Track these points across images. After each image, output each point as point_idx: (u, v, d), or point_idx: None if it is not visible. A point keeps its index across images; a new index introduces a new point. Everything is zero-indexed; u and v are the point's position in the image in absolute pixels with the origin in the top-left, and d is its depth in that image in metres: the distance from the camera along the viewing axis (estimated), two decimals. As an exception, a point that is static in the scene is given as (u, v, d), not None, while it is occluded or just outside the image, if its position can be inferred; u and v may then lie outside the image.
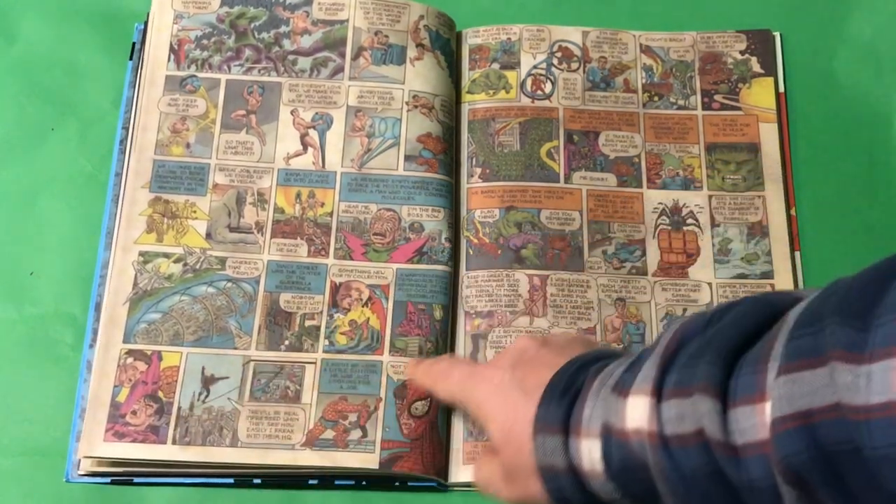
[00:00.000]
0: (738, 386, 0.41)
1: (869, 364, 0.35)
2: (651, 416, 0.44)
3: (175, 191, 0.68)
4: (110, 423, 0.61)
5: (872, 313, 0.36)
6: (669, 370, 0.44)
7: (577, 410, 0.49)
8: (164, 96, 0.71)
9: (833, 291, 0.39)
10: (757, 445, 0.40)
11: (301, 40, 0.74)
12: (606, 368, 0.50)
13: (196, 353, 0.64)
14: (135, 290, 0.65)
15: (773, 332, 0.41)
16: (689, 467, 0.42)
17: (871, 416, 0.34)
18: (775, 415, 0.38)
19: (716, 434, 0.41)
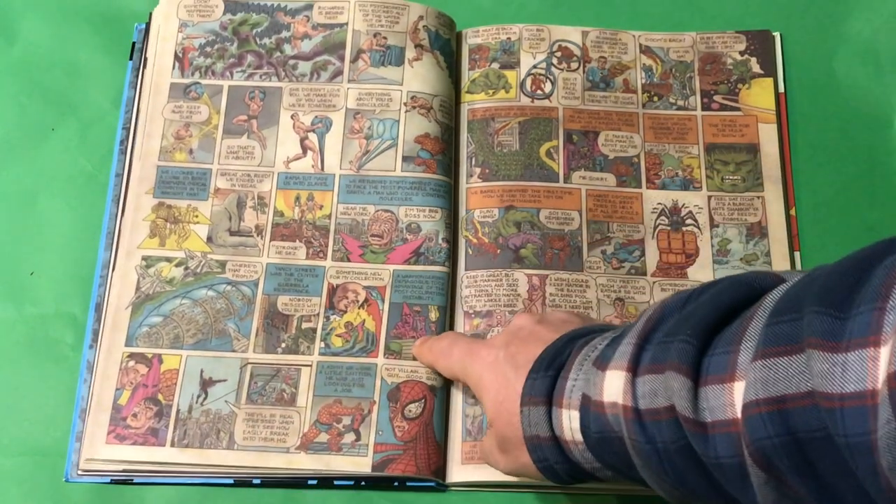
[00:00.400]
0: (710, 365, 0.42)
1: (845, 353, 0.35)
2: (626, 390, 0.45)
3: (178, 196, 0.69)
4: (112, 425, 0.62)
5: (851, 301, 0.36)
6: (646, 346, 0.45)
7: (561, 382, 0.51)
8: (169, 104, 0.72)
9: (814, 278, 0.39)
10: (725, 424, 0.41)
11: (301, 45, 0.74)
12: (591, 342, 0.51)
13: (195, 356, 0.64)
14: (137, 294, 0.66)
15: (750, 312, 0.42)
16: (661, 441, 0.44)
17: (844, 405, 0.35)
18: (749, 398, 0.39)
19: (686, 411, 0.42)
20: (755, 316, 0.41)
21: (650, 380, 0.44)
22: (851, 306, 0.36)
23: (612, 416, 0.46)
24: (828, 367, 0.35)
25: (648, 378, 0.44)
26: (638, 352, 0.46)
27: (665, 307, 0.47)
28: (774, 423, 0.38)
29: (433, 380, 0.64)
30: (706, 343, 0.43)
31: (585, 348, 0.51)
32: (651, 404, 0.44)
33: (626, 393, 0.45)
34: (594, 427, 0.48)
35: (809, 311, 0.37)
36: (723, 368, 0.41)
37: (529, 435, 0.52)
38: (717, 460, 0.41)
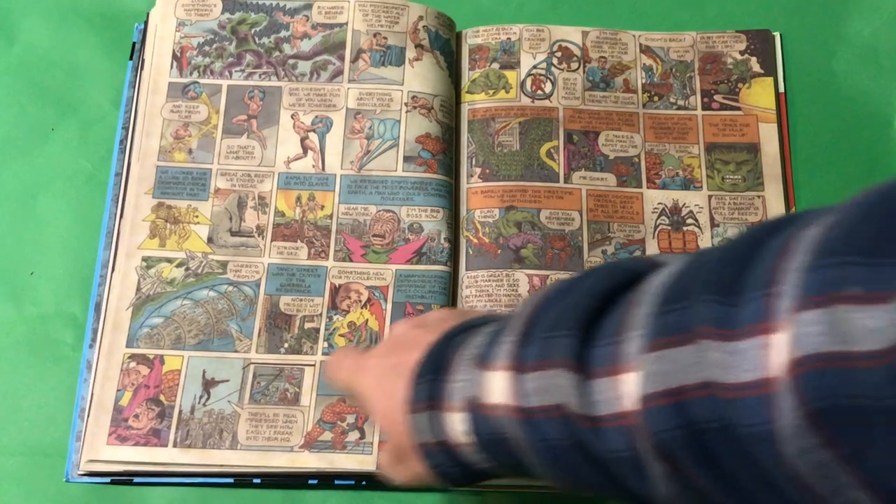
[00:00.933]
0: (595, 357, 0.41)
1: (738, 341, 0.34)
2: (512, 390, 0.44)
3: (178, 196, 0.69)
4: (113, 426, 0.62)
5: (742, 286, 0.35)
6: (529, 342, 0.44)
7: (442, 385, 0.49)
8: (167, 103, 0.72)
9: (701, 263, 0.39)
10: (615, 417, 0.40)
11: (301, 44, 0.74)
12: (471, 340, 0.50)
13: (197, 357, 0.64)
14: (138, 294, 0.66)
15: (632, 298, 0.41)
16: (553, 438, 0.43)
17: (742, 394, 0.34)
18: (647, 391, 0.38)
19: (575, 407, 0.41)
20: (640, 302, 0.40)
21: (536, 377, 0.43)
22: (741, 293, 0.35)
23: (500, 417, 0.45)
24: (722, 357, 0.35)
25: (534, 375, 0.43)
26: (520, 349, 0.44)
27: (545, 299, 0.46)
28: (674, 416, 0.37)
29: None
30: (589, 334, 0.42)
31: (465, 347, 0.49)
32: (539, 402, 0.43)
33: (513, 393, 0.44)
34: (484, 429, 0.47)
35: (699, 298, 0.36)
36: (609, 360, 0.40)
37: (419, 443, 0.50)
38: (610, 454, 0.41)
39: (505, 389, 0.45)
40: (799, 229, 0.35)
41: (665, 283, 0.40)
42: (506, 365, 0.45)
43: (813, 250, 0.33)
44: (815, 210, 0.35)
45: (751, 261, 0.36)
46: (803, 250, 0.33)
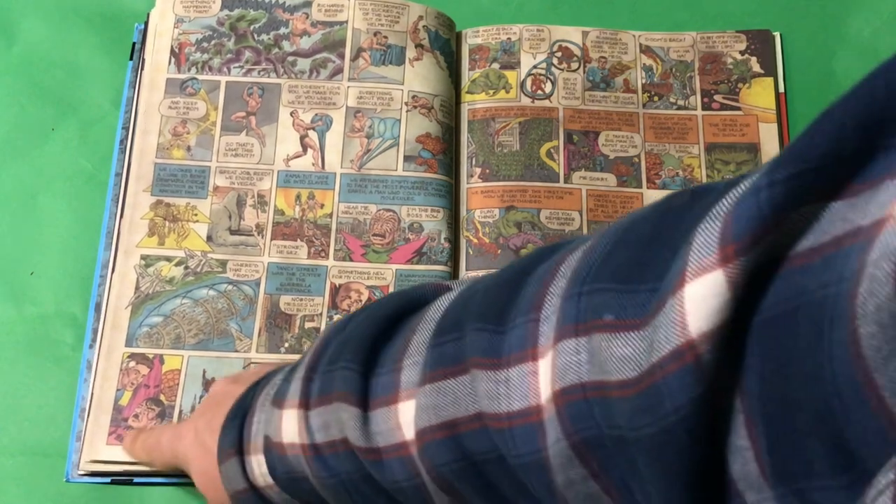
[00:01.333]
0: (376, 386, 0.41)
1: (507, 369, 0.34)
2: (300, 428, 0.44)
3: (176, 194, 0.68)
4: (113, 426, 0.62)
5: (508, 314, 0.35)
6: (314, 377, 0.44)
7: (247, 429, 0.49)
8: (165, 99, 0.71)
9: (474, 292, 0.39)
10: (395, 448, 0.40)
11: (300, 42, 0.74)
12: (272, 380, 0.49)
13: (197, 357, 0.64)
14: (137, 293, 0.66)
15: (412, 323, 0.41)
16: (345, 472, 0.43)
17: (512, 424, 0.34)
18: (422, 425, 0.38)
19: (357, 440, 0.41)
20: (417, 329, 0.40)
21: (321, 412, 0.43)
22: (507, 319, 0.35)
23: (292, 456, 0.45)
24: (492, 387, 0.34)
25: (319, 411, 0.43)
26: (307, 386, 0.44)
27: (328, 334, 0.46)
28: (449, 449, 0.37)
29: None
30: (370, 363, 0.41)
31: (267, 387, 0.49)
32: (326, 437, 0.43)
33: (302, 431, 0.44)
34: (280, 468, 0.47)
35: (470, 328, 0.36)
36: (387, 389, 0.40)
37: (231, 491, 0.50)
38: (395, 485, 0.40)
39: (293, 428, 0.44)
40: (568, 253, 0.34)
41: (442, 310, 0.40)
42: (294, 403, 0.44)
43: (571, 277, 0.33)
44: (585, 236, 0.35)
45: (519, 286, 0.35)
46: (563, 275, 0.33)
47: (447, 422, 0.37)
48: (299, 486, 0.47)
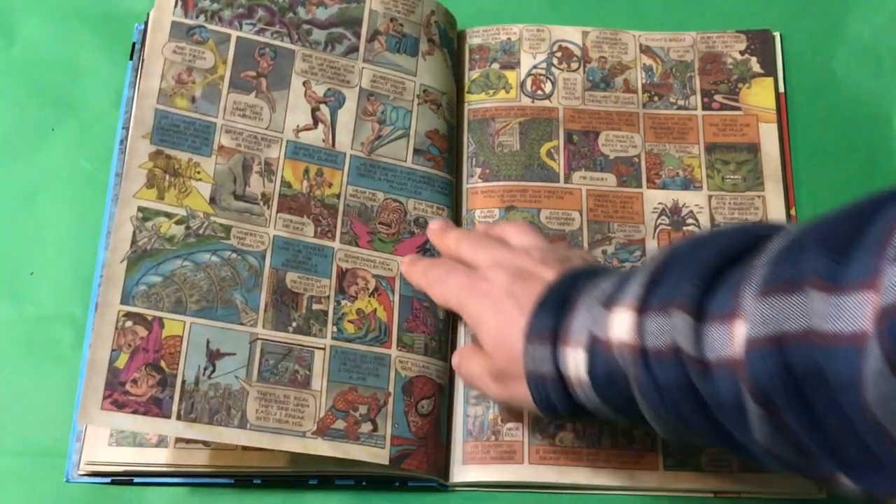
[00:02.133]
0: (713, 305, 0.43)
1: (842, 295, 0.36)
2: (633, 329, 0.46)
3: (178, 147, 0.65)
4: (108, 390, 0.58)
5: (852, 246, 0.37)
6: (654, 288, 0.47)
7: (567, 321, 0.51)
8: (170, 42, 0.67)
9: (817, 224, 0.41)
10: (725, 362, 0.42)
11: (316, 11, 0.71)
12: (598, 283, 0.52)
13: (200, 324, 0.61)
14: (133, 247, 0.62)
15: (754, 258, 0.43)
16: (664, 379, 0.45)
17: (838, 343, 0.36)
18: (750, 335, 0.40)
19: (689, 349, 0.43)
20: (759, 259, 0.42)
21: (656, 319, 0.45)
22: (852, 252, 0.37)
23: (618, 354, 0.47)
24: (824, 307, 0.36)
25: (655, 317, 0.45)
26: (646, 293, 0.47)
27: (673, 251, 0.48)
28: (773, 359, 0.39)
29: (441, 378, 0.64)
30: (711, 285, 0.44)
31: (591, 288, 0.52)
32: (656, 343, 0.45)
33: (634, 332, 0.46)
34: (601, 365, 0.49)
35: (811, 253, 0.38)
36: (725, 307, 0.42)
37: (533, 371, 0.53)
38: (716, 397, 0.43)
39: (627, 328, 0.47)
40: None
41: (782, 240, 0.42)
42: (631, 305, 0.47)
43: None
44: None
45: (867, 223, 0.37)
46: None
47: (775, 334, 0.39)
48: (614, 388, 0.49)
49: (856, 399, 0.36)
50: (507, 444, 0.63)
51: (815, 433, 0.40)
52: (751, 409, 0.41)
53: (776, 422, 0.41)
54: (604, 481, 0.62)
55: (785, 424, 0.41)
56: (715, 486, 0.62)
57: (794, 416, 0.40)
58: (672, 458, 0.62)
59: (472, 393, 0.64)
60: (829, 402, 0.38)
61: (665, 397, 0.46)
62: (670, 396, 0.45)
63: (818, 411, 0.39)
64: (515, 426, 0.63)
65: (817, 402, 0.38)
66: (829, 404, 0.38)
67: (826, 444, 0.40)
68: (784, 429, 0.41)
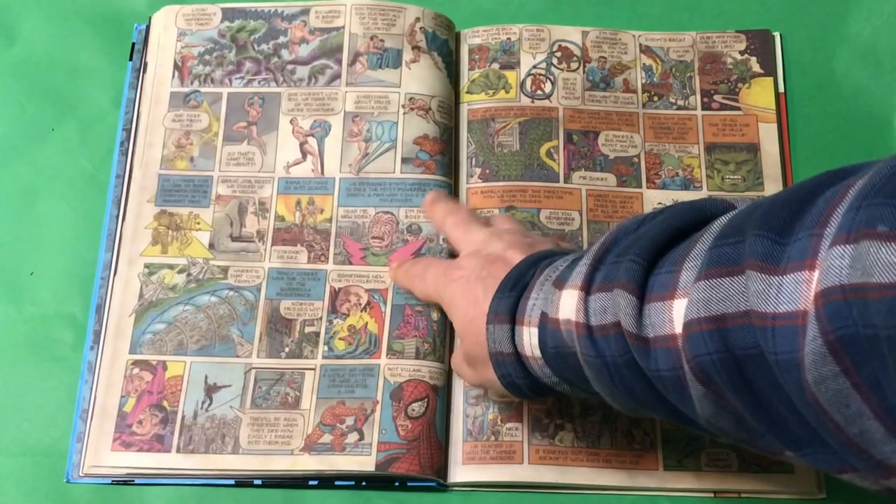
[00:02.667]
0: (654, 283, 0.44)
1: (782, 275, 0.36)
2: (579, 308, 0.47)
3: (179, 203, 0.69)
4: (117, 433, 0.62)
5: (792, 228, 0.37)
6: (599, 266, 0.48)
7: (523, 302, 0.53)
8: (169, 112, 0.72)
9: (758, 205, 0.41)
10: (664, 339, 0.43)
11: (299, 49, 0.74)
12: (554, 263, 0.53)
13: (199, 362, 0.64)
14: (140, 301, 0.66)
15: (696, 235, 0.44)
16: (610, 354, 0.46)
17: (776, 324, 0.36)
18: (691, 316, 0.41)
19: (630, 326, 0.44)
20: (701, 239, 0.43)
21: (600, 297, 0.46)
22: (791, 232, 0.37)
23: (566, 332, 0.49)
24: (764, 288, 0.37)
25: (599, 296, 0.46)
26: (591, 271, 0.48)
27: (619, 230, 0.49)
28: (714, 341, 0.40)
29: (436, 379, 0.64)
30: (653, 263, 0.45)
31: (547, 269, 0.53)
32: (601, 320, 0.46)
33: (579, 311, 0.47)
34: (551, 342, 0.50)
35: (751, 234, 0.39)
36: (665, 286, 0.43)
37: (494, 351, 0.54)
38: (657, 373, 0.44)
39: (572, 307, 0.48)
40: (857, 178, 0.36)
41: (725, 221, 0.43)
42: (577, 285, 0.48)
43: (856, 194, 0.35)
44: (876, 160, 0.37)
45: (807, 204, 0.38)
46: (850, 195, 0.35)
47: (716, 315, 0.40)
48: (564, 361, 0.50)
49: (796, 378, 0.36)
50: (506, 444, 0.63)
51: (757, 411, 0.40)
52: (693, 387, 0.42)
53: (718, 400, 0.42)
54: (603, 481, 0.62)
55: (727, 402, 0.41)
56: (715, 486, 0.62)
57: (735, 396, 0.40)
58: (672, 458, 0.62)
59: (472, 393, 0.64)
60: (770, 381, 0.38)
61: (612, 371, 0.47)
62: (617, 371, 0.46)
63: (760, 391, 0.39)
64: (515, 426, 0.63)
65: (758, 382, 0.39)
66: (770, 384, 0.38)
67: (769, 422, 0.40)
68: (726, 406, 0.42)
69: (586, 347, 0.47)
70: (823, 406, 0.36)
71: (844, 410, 0.35)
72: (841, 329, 0.33)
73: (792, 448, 0.41)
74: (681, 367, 0.42)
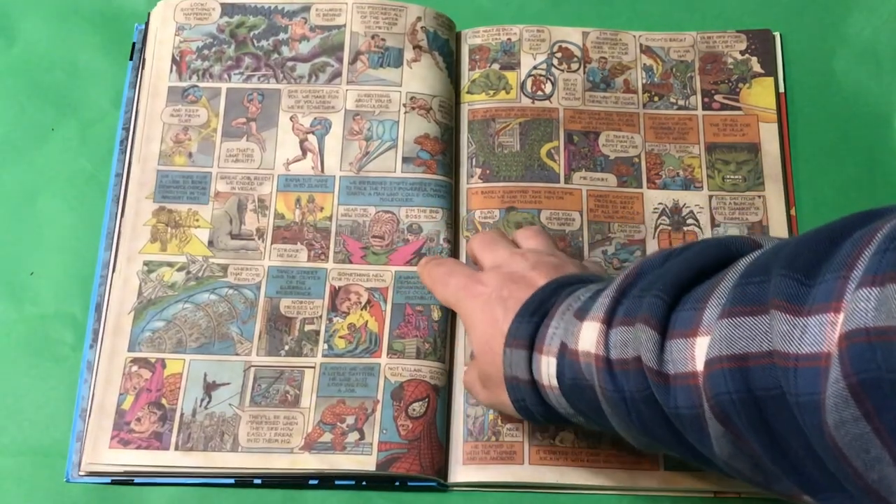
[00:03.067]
0: (677, 320, 0.43)
1: (807, 317, 0.36)
2: (599, 341, 0.47)
3: (178, 200, 0.69)
4: (115, 430, 0.62)
5: (819, 269, 0.37)
6: (622, 300, 0.47)
7: (543, 329, 0.53)
8: (167, 107, 0.72)
9: (785, 244, 0.41)
10: (686, 376, 0.42)
11: (299, 47, 0.74)
12: (576, 293, 0.53)
13: (198, 360, 0.64)
14: (139, 299, 0.66)
15: (721, 274, 0.43)
16: (629, 390, 0.45)
17: (799, 365, 0.36)
18: (713, 354, 0.40)
19: (651, 362, 0.43)
20: (726, 277, 0.42)
21: (622, 331, 0.46)
22: (818, 274, 0.37)
23: (584, 364, 0.48)
24: (788, 329, 0.36)
25: (620, 330, 0.46)
26: (614, 305, 0.47)
27: (644, 264, 0.49)
28: (735, 380, 0.39)
29: (437, 379, 0.64)
30: (677, 299, 0.44)
31: (569, 298, 0.53)
32: (621, 355, 0.46)
33: (599, 343, 0.47)
34: (569, 374, 0.50)
35: (777, 274, 0.38)
36: (688, 324, 0.43)
37: (509, 375, 0.54)
38: (676, 410, 0.43)
39: (593, 339, 0.47)
40: (886, 221, 0.36)
41: (750, 259, 0.42)
42: (599, 317, 0.47)
43: (883, 237, 0.35)
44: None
45: (832, 246, 0.37)
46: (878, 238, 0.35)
47: (738, 354, 0.39)
48: (581, 394, 0.50)
49: (817, 421, 0.36)
50: (507, 445, 0.63)
51: (776, 454, 0.40)
52: (711, 426, 0.41)
53: (736, 441, 0.41)
54: (604, 482, 0.62)
55: (745, 443, 0.41)
56: (715, 486, 0.62)
57: (754, 437, 0.40)
58: (674, 458, 0.62)
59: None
60: (791, 423, 0.38)
61: (629, 406, 0.46)
62: (635, 407, 0.46)
63: (779, 433, 0.39)
64: (515, 427, 0.63)
65: (778, 424, 0.38)
66: (790, 426, 0.38)
67: (787, 465, 0.40)
68: (744, 447, 0.41)
69: (605, 381, 0.47)
70: (843, 450, 0.35)
71: (864, 455, 0.34)
72: (864, 372, 0.33)
73: (809, 493, 0.41)
74: (700, 406, 0.42)
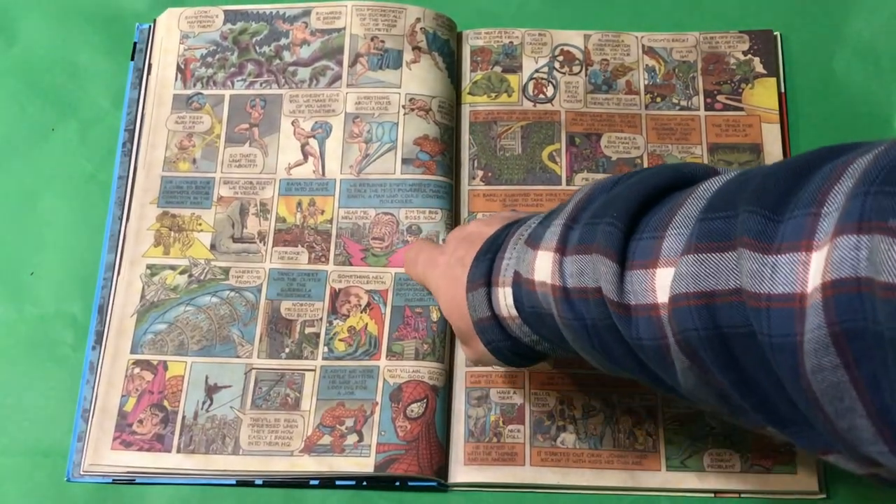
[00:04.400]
0: (636, 249, 0.43)
1: (776, 255, 0.35)
2: (554, 270, 0.46)
3: (181, 205, 0.69)
4: (117, 432, 0.62)
5: (786, 205, 0.36)
6: (574, 227, 0.47)
7: (497, 263, 0.53)
8: (172, 115, 0.72)
9: (750, 177, 0.40)
10: (646, 308, 0.42)
11: (300, 51, 0.74)
12: (526, 222, 0.53)
13: (200, 363, 0.65)
14: (142, 302, 0.66)
15: (680, 198, 0.42)
16: (589, 318, 0.45)
17: (771, 305, 0.35)
18: (678, 290, 0.40)
19: (611, 294, 0.43)
20: (685, 203, 0.42)
21: (577, 260, 0.45)
22: (786, 209, 0.36)
23: (541, 293, 0.48)
24: (757, 267, 0.36)
25: (575, 258, 0.45)
26: (566, 232, 0.47)
27: (594, 188, 0.48)
28: (702, 317, 0.39)
29: (435, 380, 0.64)
30: (632, 226, 0.43)
31: (520, 229, 0.53)
32: (578, 283, 0.45)
33: (555, 273, 0.46)
34: (527, 302, 0.50)
35: (744, 209, 0.37)
36: (648, 254, 0.42)
37: (475, 319, 0.54)
38: (638, 341, 0.43)
39: (548, 269, 0.47)
40: (857, 156, 0.35)
41: (714, 190, 0.41)
42: (552, 246, 0.47)
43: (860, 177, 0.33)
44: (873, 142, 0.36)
45: (802, 179, 0.36)
46: (851, 175, 0.34)
47: (705, 291, 0.38)
48: (542, 322, 0.50)
49: (791, 363, 0.35)
50: (508, 446, 0.63)
51: (744, 390, 0.39)
52: (677, 359, 0.41)
53: (702, 374, 0.41)
54: (605, 482, 0.62)
55: (712, 377, 0.40)
56: (715, 486, 0.62)
57: (721, 372, 0.39)
58: (675, 458, 0.62)
59: (474, 394, 0.64)
60: (760, 361, 0.37)
61: (591, 333, 0.46)
62: (595, 333, 0.45)
63: (747, 369, 0.38)
64: (517, 428, 0.63)
65: (747, 361, 0.38)
66: (759, 364, 0.37)
67: (756, 401, 0.40)
68: (711, 381, 0.41)
69: (564, 310, 0.46)
70: (816, 395, 0.35)
71: (837, 403, 0.34)
72: (848, 322, 0.32)
73: (777, 426, 0.40)
74: (664, 338, 0.41)
